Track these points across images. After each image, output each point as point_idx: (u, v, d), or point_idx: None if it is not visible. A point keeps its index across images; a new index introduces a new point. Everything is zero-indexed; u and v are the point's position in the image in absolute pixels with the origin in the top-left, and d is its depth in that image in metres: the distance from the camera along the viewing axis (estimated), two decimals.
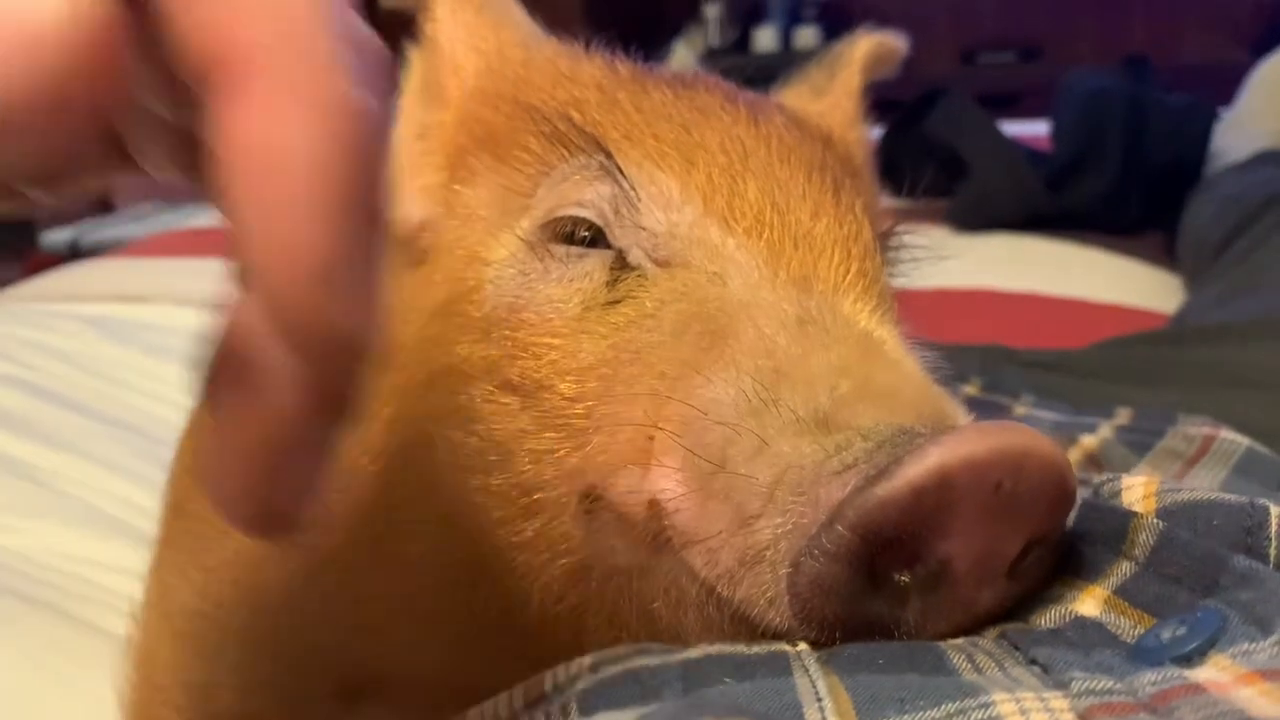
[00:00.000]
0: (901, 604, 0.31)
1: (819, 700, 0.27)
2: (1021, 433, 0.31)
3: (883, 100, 0.65)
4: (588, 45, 0.53)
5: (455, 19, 0.53)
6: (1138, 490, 0.36)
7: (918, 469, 0.30)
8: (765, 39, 4.32)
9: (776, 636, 0.33)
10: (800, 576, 0.31)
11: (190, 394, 0.25)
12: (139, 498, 0.90)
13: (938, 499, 0.30)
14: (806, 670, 0.29)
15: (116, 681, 0.60)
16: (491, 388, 0.41)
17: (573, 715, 0.29)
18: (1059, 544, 0.35)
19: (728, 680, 0.29)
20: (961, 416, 0.36)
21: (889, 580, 0.31)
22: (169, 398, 1.07)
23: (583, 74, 0.49)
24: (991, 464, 0.30)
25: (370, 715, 0.49)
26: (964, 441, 0.30)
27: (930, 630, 0.32)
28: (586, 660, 0.32)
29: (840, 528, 0.30)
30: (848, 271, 0.41)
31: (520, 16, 0.55)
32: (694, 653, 0.31)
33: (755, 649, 0.31)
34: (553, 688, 0.31)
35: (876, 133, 1.87)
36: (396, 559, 0.44)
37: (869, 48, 0.63)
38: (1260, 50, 1.99)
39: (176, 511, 0.57)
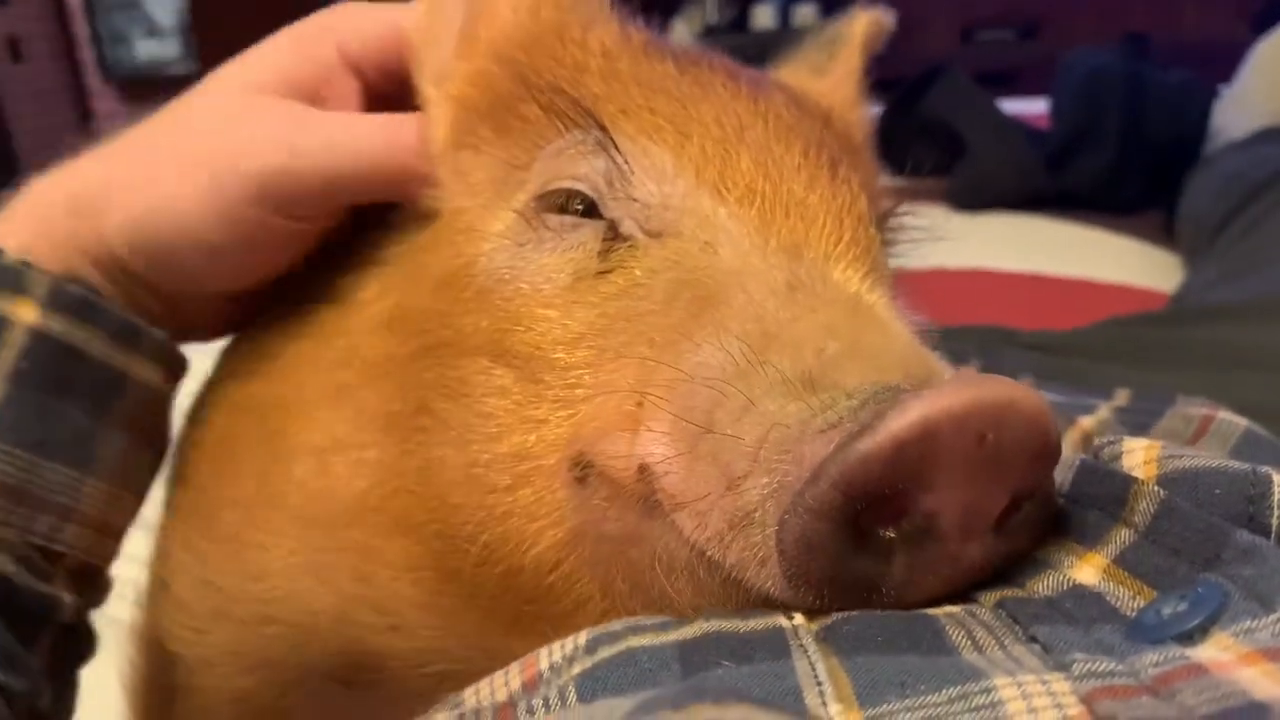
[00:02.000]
0: (888, 560, 0.31)
1: (819, 684, 0.27)
2: (1004, 385, 0.31)
3: (881, 79, 0.65)
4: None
5: None
6: (1139, 455, 0.35)
7: (900, 422, 0.29)
8: (764, 16, 4.31)
9: (768, 601, 0.33)
10: (786, 534, 0.31)
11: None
12: None
13: (920, 452, 0.30)
14: (805, 651, 0.29)
15: (119, 665, 0.61)
16: (486, 360, 0.42)
17: (572, 701, 0.29)
18: (1049, 503, 0.35)
19: (726, 663, 0.29)
20: (950, 376, 0.36)
21: (875, 537, 0.31)
22: None
23: (591, 41, 0.49)
24: (973, 415, 0.30)
25: (366, 697, 0.49)
26: (946, 394, 0.30)
27: (919, 587, 0.32)
28: (581, 639, 0.32)
29: (824, 484, 0.30)
30: (839, 240, 0.41)
31: None
32: (690, 631, 0.31)
33: (751, 623, 0.31)
34: (548, 667, 0.31)
35: (875, 111, 1.87)
36: (395, 530, 0.44)
37: (866, 26, 0.63)
38: (1260, 28, 1.97)
39: (182, 483, 0.57)
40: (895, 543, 0.31)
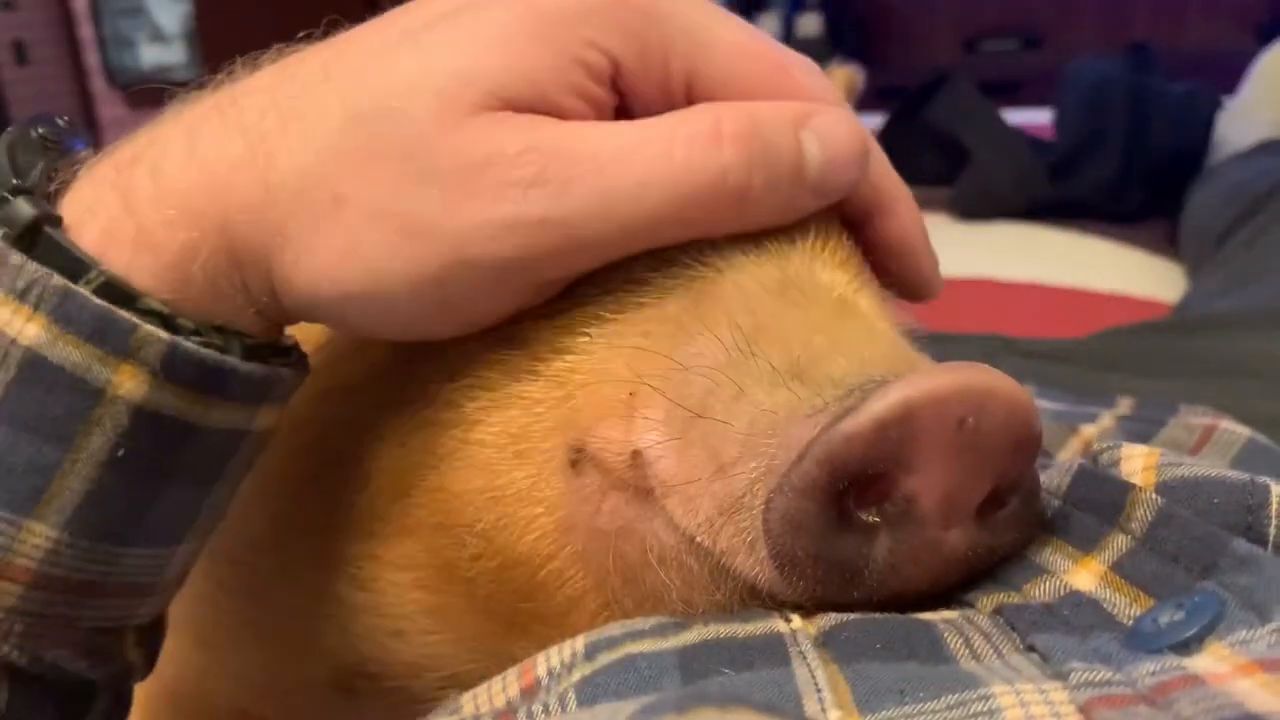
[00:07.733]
0: (871, 542, 0.32)
1: (818, 691, 0.28)
2: (985, 372, 0.32)
3: (885, 88, 0.65)
4: None
5: None
6: (1137, 461, 0.36)
7: (881, 404, 0.30)
8: (768, 26, 4.32)
9: (756, 590, 0.33)
10: (773, 513, 0.31)
11: None
12: None
13: (901, 433, 0.31)
14: (805, 659, 0.29)
15: None
16: (480, 346, 0.42)
17: (571, 707, 0.29)
18: (1033, 499, 0.35)
19: (726, 670, 0.29)
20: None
21: (859, 520, 0.32)
22: None
23: None
24: (954, 399, 0.31)
25: (366, 704, 0.49)
26: (927, 379, 0.31)
27: (903, 574, 0.32)
28: (579, 645, 0.32)
29: (809, 463, 0.31)
30: (825, 244, 0.42)
31: None
32: (689, 636, 0.31)
33: (750, 627, 0.31)
34: (546, 674, 0.31)
35: (878, 120, 1.87)
36: (398, 533, 0.44)
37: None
38: (1265, 38, 1.98)
39: None
40: (878, 526, 0.32)
